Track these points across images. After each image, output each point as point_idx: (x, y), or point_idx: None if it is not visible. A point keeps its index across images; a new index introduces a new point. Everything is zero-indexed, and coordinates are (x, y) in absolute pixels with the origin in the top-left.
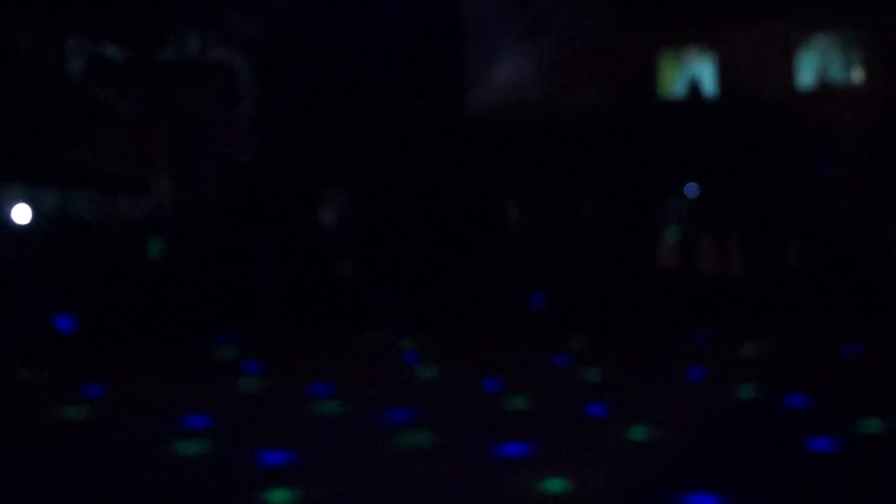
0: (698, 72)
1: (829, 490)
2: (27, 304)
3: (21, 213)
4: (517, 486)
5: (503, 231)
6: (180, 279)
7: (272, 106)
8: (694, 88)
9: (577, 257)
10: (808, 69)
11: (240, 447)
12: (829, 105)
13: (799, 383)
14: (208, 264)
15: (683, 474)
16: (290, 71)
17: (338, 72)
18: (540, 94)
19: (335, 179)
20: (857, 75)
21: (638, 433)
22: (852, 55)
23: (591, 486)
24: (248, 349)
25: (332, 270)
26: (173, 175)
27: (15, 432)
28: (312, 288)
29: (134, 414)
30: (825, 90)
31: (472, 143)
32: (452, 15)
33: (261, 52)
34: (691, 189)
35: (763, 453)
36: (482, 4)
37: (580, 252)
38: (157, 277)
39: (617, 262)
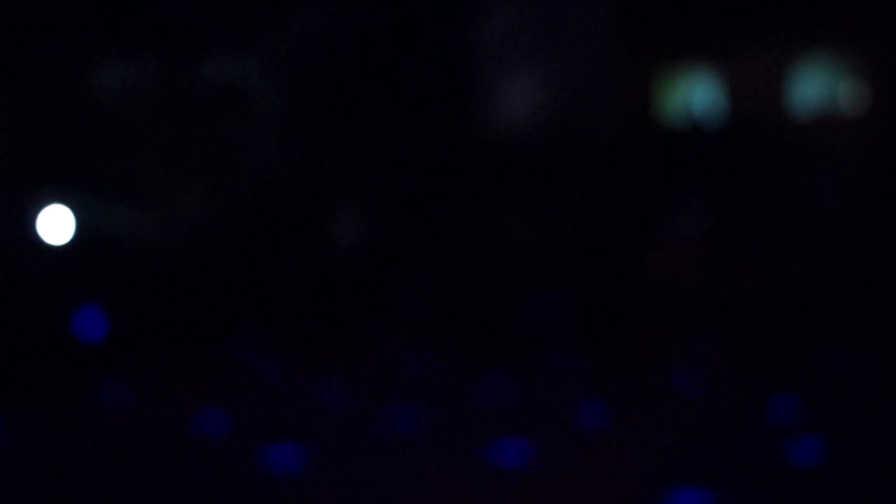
0: (699, 95)
1: None
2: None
3: (56, 232)
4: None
5: (508, 244)
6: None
7: (295, 123)
8: (694, 111)
9: (577, 268)
10: (807, 93)
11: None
12: (827, 129)
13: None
14: (231, 272)
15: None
16: (312, 88)
17: (356, 90)
18: (544, 115)
19: (352, 194)
20: (855, 99)
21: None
22: (850, 79)
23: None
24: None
25: (347, 278)
26: (202, 189)
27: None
28: (328, 295)
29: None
30: (824, 114)
31: (478, 161)
32: (463, 36)
33: (286, 70)
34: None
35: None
36: (489, 27)
37: (580, 263)
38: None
39: (615, 272)
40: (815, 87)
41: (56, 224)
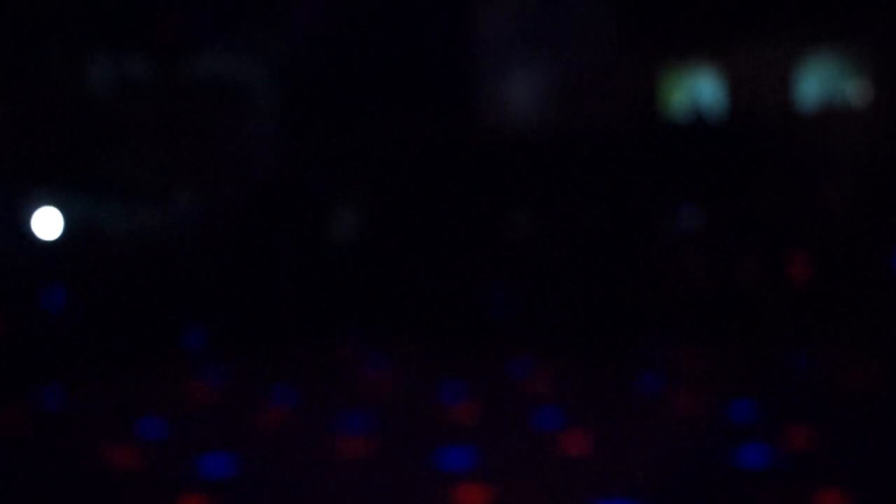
0: (701, 90)
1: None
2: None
3: (47, 228)
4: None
5: (508, 244)
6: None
7: (292, 121)
8: (697, 107)
9: (579, 270)
10: (810, 87)
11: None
12: (831, 123)
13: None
14: (228, 270)
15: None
16: (309, 87)
17: (353, 88)
18: (544, 112)
19: (350, 193)
20: (860, 94)
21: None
22: (855, 74)
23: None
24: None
25: (346, 278)
26: (196, 188)
27: None
28: (328, 294)
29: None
30: (827, 109)
31: (477, 159)
32: (461, 33)
33: (281, 68)
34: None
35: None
36: (489, 23)
37: (582, 265)
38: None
39: (617, 274)
40: (819, 83)
41: (47, 222)
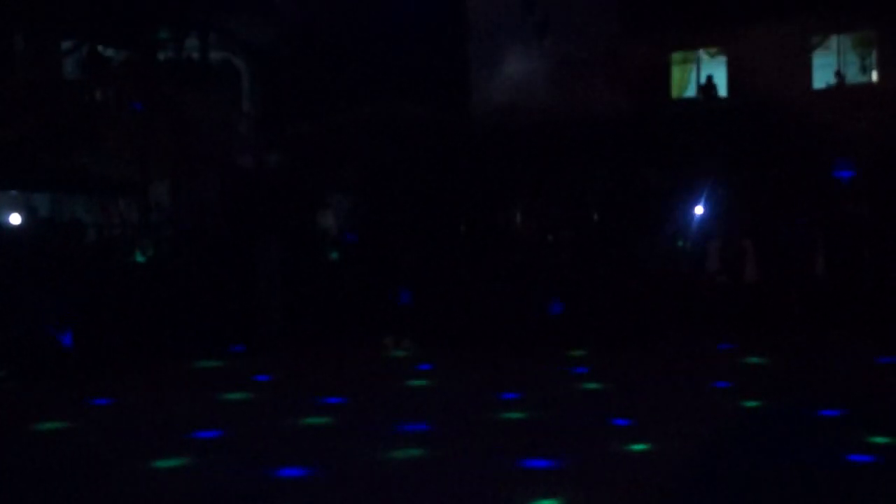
0: (710, 74)
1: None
2: (22, 311)
3: (15, 216)
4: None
5: (509, 236)
6: (180, 286)
7: (275, 110)
8: (707, 90)
9: (585, 264)
10: (822, 70)
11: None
12: (844, 106)
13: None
14: (209, 270)
15: (690, 486)
16: (294, 74)
17: (342, 75)
18: (548, 98)
19: (339, 184)
20: (873, 75)
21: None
22: (867, 56)
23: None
24: (249, 358)
25: (335, 276)
26: (174, 179)
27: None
28: (316, 294)
29: (133, 426)
30: (840, 91)
31: (477, 147)
32: (457, 19)
33: (264, 55)
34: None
35: (765, 465)
36: (487, 8)
37: (587, 258)
38: (155, 284)
39: (624, 269)
40: (831, 65)
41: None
